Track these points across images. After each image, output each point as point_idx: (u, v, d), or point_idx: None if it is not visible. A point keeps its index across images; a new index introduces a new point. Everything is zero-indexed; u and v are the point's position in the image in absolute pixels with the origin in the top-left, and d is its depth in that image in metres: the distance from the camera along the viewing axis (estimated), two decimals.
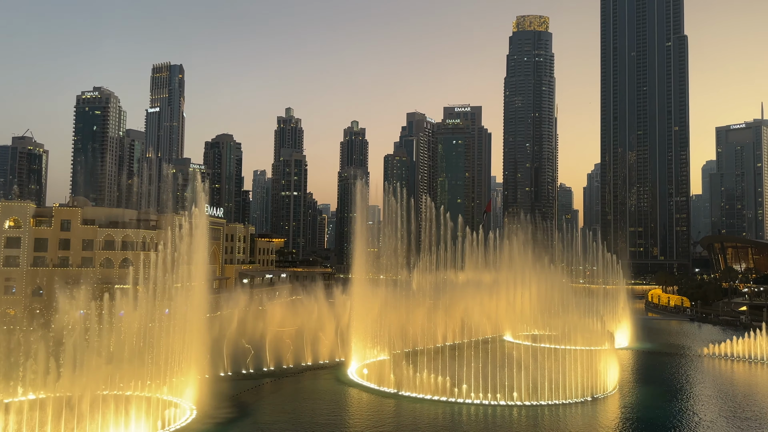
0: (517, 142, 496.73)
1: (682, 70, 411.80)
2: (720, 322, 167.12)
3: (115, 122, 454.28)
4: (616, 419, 69.73)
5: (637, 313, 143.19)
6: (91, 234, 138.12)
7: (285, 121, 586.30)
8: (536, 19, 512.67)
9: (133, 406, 60.69)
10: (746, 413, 71.78)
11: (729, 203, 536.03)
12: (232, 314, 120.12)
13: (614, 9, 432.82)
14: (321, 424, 65.68)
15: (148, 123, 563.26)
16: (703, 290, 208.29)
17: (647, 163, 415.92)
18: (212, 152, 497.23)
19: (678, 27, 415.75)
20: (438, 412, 70.34)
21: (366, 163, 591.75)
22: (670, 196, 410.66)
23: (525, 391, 75.99)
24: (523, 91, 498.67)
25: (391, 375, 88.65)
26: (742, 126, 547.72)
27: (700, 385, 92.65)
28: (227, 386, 78.37)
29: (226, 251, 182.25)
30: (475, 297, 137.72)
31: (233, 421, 65.20)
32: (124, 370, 68.26)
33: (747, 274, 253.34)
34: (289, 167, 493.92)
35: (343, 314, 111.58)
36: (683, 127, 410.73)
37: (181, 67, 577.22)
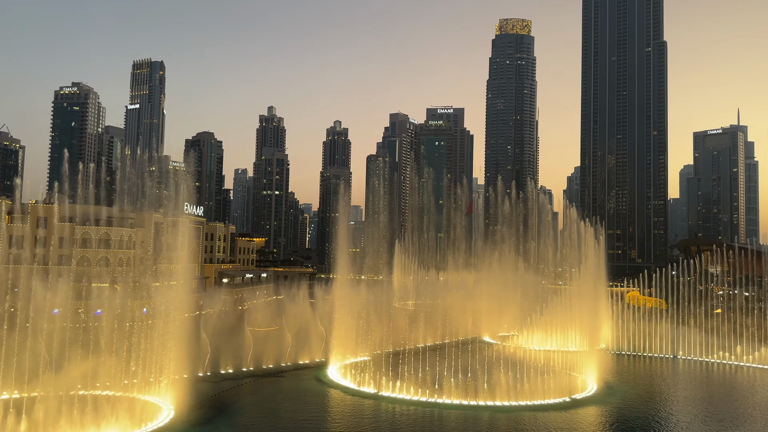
0: (498, 144, 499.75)
1: (661, 76, 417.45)
2: (695, 324, 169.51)
3: (94, 118, 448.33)
4: (595, 419, 70.41)
5: (615, 315, 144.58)
6: (68, 231, 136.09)
7: (267, 120, 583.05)
8: (519, 22, 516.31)
9: (110, 407, 59.88)
10: (721, 415, 72.95)
11: (705, 207, 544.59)
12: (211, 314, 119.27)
13: (595, 14, 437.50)
14: (300, 424, 65.40)
15: (127, 120, 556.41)
16: (679, 293, 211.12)
17: (626, 166, 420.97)
18: (193, 150, 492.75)
19: (658, 33, 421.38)
20: (417, 412, 70.43)
21: (348, 163, 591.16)
22: (648, 199, 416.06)
23: (504, 391, 76.38)
24: (505, 93, 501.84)
25: (372, 375, 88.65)
26: (719, 131, 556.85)
27: (676, 386, 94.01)
28: (206, 386, 77.70)
29: (206, 250, 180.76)
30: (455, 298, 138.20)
31: (211, 421, 64.65)
32: (101, 370, 67.40)
33: (722, 277, 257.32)
34: (271, 166, 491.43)
35: (323, 314, 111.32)
36: (662, 131, 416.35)
37: (162, 63, 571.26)
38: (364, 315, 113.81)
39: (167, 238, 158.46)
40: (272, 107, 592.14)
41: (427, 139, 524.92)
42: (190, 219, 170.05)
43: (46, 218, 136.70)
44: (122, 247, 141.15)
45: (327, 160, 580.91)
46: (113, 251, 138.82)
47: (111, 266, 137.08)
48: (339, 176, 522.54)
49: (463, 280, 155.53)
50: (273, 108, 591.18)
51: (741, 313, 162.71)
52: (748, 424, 69.77)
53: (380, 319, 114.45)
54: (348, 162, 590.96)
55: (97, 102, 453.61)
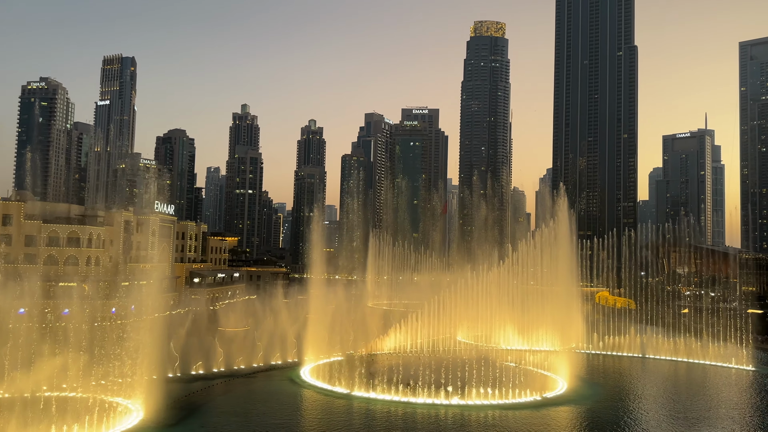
0: (473, 145, 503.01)
1: (631, 80, 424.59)
2: (663, 324, 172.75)
3: (62, 114, 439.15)
4: (565, 418, 71.18)
5: (585, 315, 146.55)
6: (35, 230, 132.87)
7: (241, 118, 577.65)
8: (493, 25, 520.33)
9: (76, 409, 58.60)
10: (689, 412, 74.38)
11: (674, 209, 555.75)
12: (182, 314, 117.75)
13: (568, 18, 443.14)
14: (272, 424, 64.85)
15: (97, 116, 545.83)
16: (648, 293, 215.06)
17: (597, 168, 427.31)
18: (164, 147, 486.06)
19: (629, 38, 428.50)
20: (390, 411, 70.39)
21: (323, 162, 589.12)
22: (619, 201, 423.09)
23: (475, 390, 76.77)
24: (480, 95, 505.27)
25: (344, 375, 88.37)
26: (687, 135, 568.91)
27: (645, 384, 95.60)
28: (176, 387, 76.52)
29: (177, 249, 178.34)
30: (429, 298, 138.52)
31: (181, 422, 63.71)
32: (67, 371, 65.99)
33: (689, 277, 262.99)
34: (244, 165, 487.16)
35: (296, 315, 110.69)
36: (632, 134, 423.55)
37: (133, 59, 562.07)
38: (337, 315, 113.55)
39: (137, 236, 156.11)
40: (246, 105, 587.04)
41: (402, 139, 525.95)
42: (160, 217, 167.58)
43: (12, 216, 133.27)
44: (91, 246, 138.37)
45: (301, 159, 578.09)
46: (81, 250, 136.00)
47: (79, 265, 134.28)
48: (313, 175, 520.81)
49: (437, 281, 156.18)
50: (247, 106, 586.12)
51: (707, 313, 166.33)
52: (715, 421, 71.28)
53: (354, 319, 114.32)
54: (323, 161, 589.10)
55: (65, 97, 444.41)
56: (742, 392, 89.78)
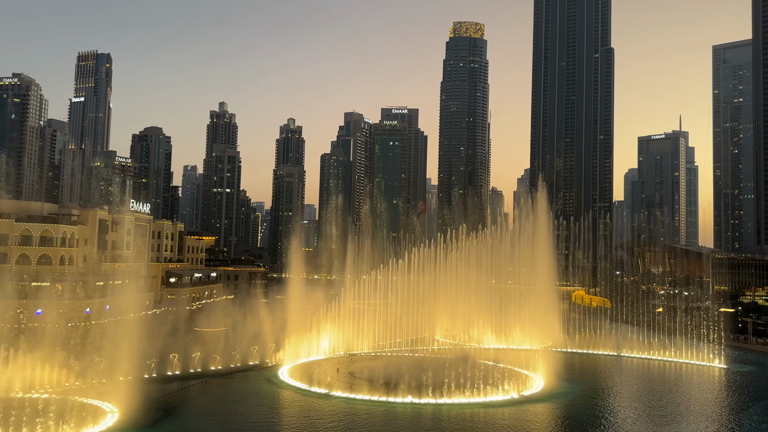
0: (452, 145, 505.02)
1: (608, 82, 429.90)
2: (638, 322, 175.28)
3: (35, 111, 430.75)
4: (542, 416, 71.85)
5: (562, 314, 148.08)
6: (7, 228, 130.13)
7: (218, 116, 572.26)
8: (472, 26, 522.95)
9: (51, 410, 57.57)
10: (663, 409, 75.54)
11: (649, 210, 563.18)
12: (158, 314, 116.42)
13: (546, 20, 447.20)
14: (249, 425, 64.38)
15: (71, 113, 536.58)
16: (623, 292, 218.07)
17: (573, 169, 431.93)
18: (140, 145, 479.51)
19: (606, 40, 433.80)
20: (369, 411, 70.32)
21: (302, 161, 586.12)
22: (594, 201, 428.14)
23: (453, 389, 77.08)
24: (459, 95, 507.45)
25: (323, 375, 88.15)
26: (662, 137, 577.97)
27: (620, 382, 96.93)
28: (152, 388, 75.59)
29: (153, 249, 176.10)
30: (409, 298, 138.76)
31: (157, 423, 62.97)
32: (41, 372, 64.83)
33: (664, 277, 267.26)
34: (222, 163, 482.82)
35: (275, 314, 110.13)
36: (608, 136, 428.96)
37: (108, 56, 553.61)
38: (315, 315, 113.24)
39: (112, 236, 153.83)
40: (224, 103, 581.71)
41: (381, 138, 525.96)
42: (136, 216, 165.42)
43: None
44: (65, 245, 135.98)
45: (280, 158, 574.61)
46: (55, 249, 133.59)
47: (53, 265, 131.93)
48: (292, 174, 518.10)
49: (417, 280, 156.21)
50: (224, 104, 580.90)
51: (681, 312, 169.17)
52: (688, 418, 72.51)
53: (333, 319, 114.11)
54: (302, 160, 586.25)
55: (39, 94, 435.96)
56: (715, 390, 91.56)
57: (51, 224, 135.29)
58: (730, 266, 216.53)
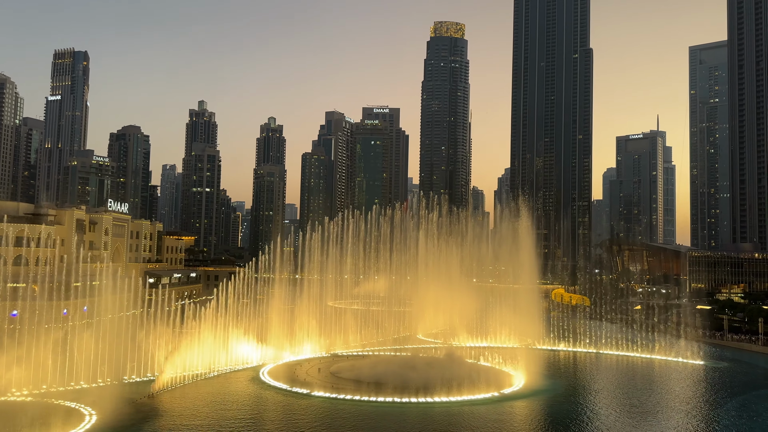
0: (433, 144, 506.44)
1: (587, 82, 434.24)
2: (617, 320, 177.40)
3: (10, 109, 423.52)
4: (523, 413, 72.37)
5: (541, 312, 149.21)
6: None
7: (197, 114, 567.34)
8: (453, 25, 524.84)
9: (27, 413, 56.65)
10: (643, 406, 76.54)
11: (627, 208, 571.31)
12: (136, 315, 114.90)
13: (526, 21, 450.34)
14: (230, 426, 63.98)
15: (48, 112, 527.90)
16: (602, 290, 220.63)
17: (553, 168, 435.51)
18: (118, 144, 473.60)
19: (585, 40, 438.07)
20: (351, 411, 70.24)
21: (283, 160, 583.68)
22: (574, 200, 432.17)
23: (434, 388, 77.26)
24: (440, 95, 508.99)
25: (305, 376, 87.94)
26: (640, 136, 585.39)
27: (599, 379, 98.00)
28: (131, 390, 74.72)
29: (131, 249, 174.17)
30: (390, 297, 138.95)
31: (135, 426, 62.27)
32: (17, 375, 63.76)
33: (642, 275, 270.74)
34: (202, 162, 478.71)
35: (256, 315, 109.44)
36: (587, 135, 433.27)
37: (86, 54, 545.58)
38: (297, 315, 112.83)
39: (89, 236, 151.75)
40: (203, 101, 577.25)
41: (363, 138, 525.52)
42: (114, 216, 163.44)
43: None
44: (41, 245, 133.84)
45: (261, 157, 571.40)
46: (31, 249, 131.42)
47: (29, 265, 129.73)
48: (273, 174, 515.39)
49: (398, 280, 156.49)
50: (204, 102, 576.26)
51: (659, 309, 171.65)
52: (666, 414, 73.54)
53: (315, 319, 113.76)
54: (283, 159, 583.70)
55: (14, 92, 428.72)
56: (692, 385, 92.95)
57: (27, 224, 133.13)
58: (706, 264, 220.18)
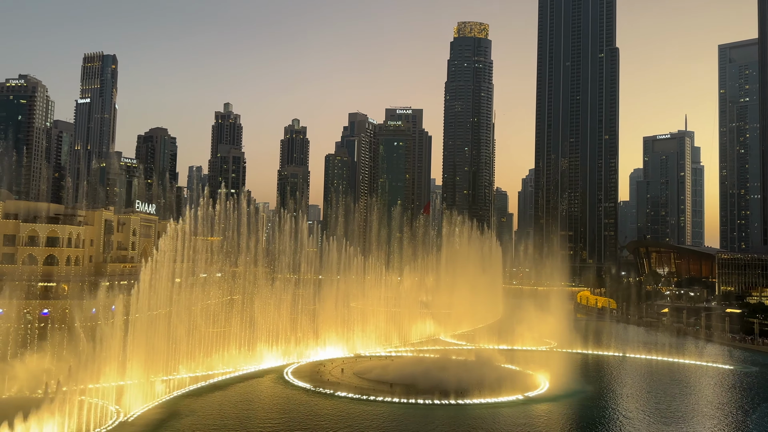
0: (456, 145, 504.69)
1: (613, 81, 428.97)
2: (644, 323, 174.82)
3: (42, 112, 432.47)
4: (547, 417, 71.68)
5: (567, 315, 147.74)
6: (14, 229, 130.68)
7: (223, 117, 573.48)
8: (477, 26, 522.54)
9: (57, 408, 57.85)
10: (673, 412, 75.29)
11: (654, 210, 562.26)
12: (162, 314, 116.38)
13: (551, 20, 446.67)
14: (254, 426, 64.59)
15: (77, 114, 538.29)
16: (628, 293, 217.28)
17: (578, 169, 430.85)
18: (145, 146, 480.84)
19: (610, 39, 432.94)
20: (373, 412, 70.33)
21: (307, 162, 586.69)
22: (600, 201, 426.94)
23: (458, 390, 76.96)
24: (463, 95, 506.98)
25: (328, 376, 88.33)
26: (668, 136, 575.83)
27: (625, 383, 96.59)
28: (157, 389, 75.80)
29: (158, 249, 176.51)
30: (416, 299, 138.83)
31: (162, 424, 63.21)
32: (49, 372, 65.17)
33: (669, 277, 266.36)
34: (227, 164, 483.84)
35: (280, 314, 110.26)
36: (613, 136, 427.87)
37: (114, 57, 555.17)
38: (320, 315, 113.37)
39: (118, 236, 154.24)
40: (229, 104, 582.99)
41: (385, 139, 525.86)
42: (141, 217, 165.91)
43: None
44: (71, 246, 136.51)
45: (285, 159, 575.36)
46: (61, 249, 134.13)
47: (59, 265, 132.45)
48: (297, 175, 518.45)
49: (421, 282, 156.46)
50: (229, 105, 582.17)
51: (687, 312, 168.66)
52: (695, 418, 72.07)
53: (337, 320, 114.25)
54: (306, 161, 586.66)
55: (45, 95, 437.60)
56: (723, 390, 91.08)
57: (57, 225, 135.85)
58: (736, 267, 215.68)
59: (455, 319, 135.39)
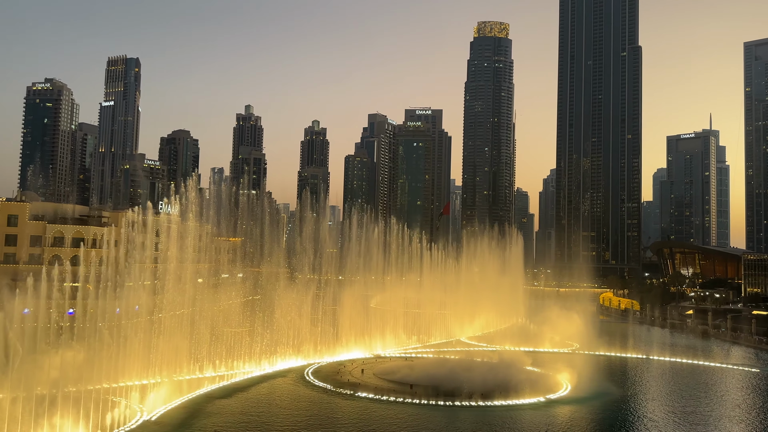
0: (476, 146, 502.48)
1: (635, 80, 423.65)
2: (667, 325, 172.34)
3: (67, 115, 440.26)
4: (569, 420, 70.99)
5: (589, 316, 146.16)
6: (40, 230, 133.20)
7: (244, 119, 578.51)
8: (497, 25, 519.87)
9: (81, 407, 58.75)
10: (695, 415, 74.06)
11: (678, 210, 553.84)
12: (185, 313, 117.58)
13: (572, 19, 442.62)
14: (275, 425, 64.95)
15: (101, 117, 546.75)
16: (652, 294, 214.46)
17: (601, 169, 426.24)
18: (168, 148, 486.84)
19: (633, 38, 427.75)
20: (394, 413, 70.29)
21: (327, 163, 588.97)
22: (622, 202, 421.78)
23: (480, 392, 76.59)
24: (483, 96, 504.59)
25: (350, 376, 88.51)
26: (692, 136, 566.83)
27: (649, 386, 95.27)
28: (180, 388, 76.60)
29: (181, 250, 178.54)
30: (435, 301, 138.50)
31: (187, 423, 63.85)
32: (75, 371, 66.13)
33: (694, 279, 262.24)
34: (248, 165, 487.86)
35: (300, 315, 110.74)
36: (636, 135, 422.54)
37: (137, 60, 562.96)
38: (340, 316, 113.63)
39: (141, 237, 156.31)
40: (249, 106, 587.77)
41: (405, 140, 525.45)
42: (164, 218, 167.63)
43: (17, 216, 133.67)
44: (95, 246, 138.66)
45: (305, 160, 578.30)
46: (86, 250, 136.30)
47: (84, 265, 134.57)
48: (317, 176, 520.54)
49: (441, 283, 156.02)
50: (250, 107, 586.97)
51: (712, 314, 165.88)
52: (722, 422, 70.77)
53: (358, 320, 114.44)
54: (326, 162, 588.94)
55: (70, 98, 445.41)
56: (748, 393, 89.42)
57: (82, 226, 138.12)
58: (763, 268, 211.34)
59: (476, 321, 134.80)
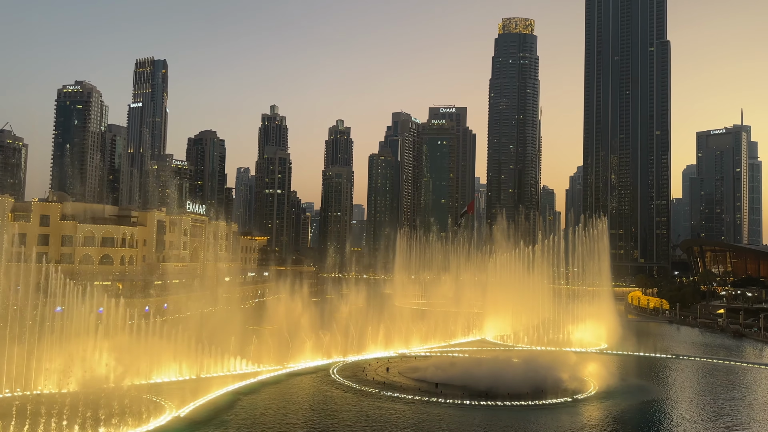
0: (501, 143, 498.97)
1: (664, 75, 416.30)
2: (698, 324, 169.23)
3: (96, 117, 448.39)
4: (597, 420, 70.21)
5: (617, 315, 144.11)
6: (71, 230, 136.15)
7: (269, 119, 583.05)
8: (522, 21, 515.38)
9: (113, 404, 59.89)
10: (726, 416, 72.66)
11: (708, 207, 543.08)
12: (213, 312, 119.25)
13: (598, 13, 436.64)
14: (301, 423, 65.45)
15: (130, 118, 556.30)
16: (682, 293, 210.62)
17: (629, 166, 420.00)
18: (195, 149, 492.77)
19: (661, 32, 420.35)
20: (419, 412, 70.28)
21: (351, 162, 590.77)
22: (651, 199, 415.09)
23: (506, 391, 76.20)
24: (508, 93, 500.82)
25: (372, 374, 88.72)
26: (722, 131, 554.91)
27: (678, 386, 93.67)
28: (208, 386, 77.58)
29: (208, 249, 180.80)
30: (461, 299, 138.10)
31: (212, 420, 64.66)
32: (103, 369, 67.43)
33: (725, 277, 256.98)
34: (273, 165, 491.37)
35: (325, 313, 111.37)
36: (665, 131, 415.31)
37: (164, 62, 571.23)
38: (365, 314, 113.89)
39: (170, 236, 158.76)
40: (275, 106, 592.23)
41: (429, 138, 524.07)
42: (192, 217, 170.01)
43: (50, 216, 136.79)
44: (125, 246, 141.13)
45: (329, 159, 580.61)
46: (116, 249, 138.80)
47: (114, 264, 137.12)
48: (341, 175, 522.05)
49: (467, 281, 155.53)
50: (275, 107, 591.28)
51: (743, 313, 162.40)
52: (756, 426, 69.30)
53: (383, 318, 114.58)
54: (350, 161, 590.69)
55: (99, 100, 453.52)
56: None
57: (112, 226, 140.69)
58: None
59: (501, 319, 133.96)
